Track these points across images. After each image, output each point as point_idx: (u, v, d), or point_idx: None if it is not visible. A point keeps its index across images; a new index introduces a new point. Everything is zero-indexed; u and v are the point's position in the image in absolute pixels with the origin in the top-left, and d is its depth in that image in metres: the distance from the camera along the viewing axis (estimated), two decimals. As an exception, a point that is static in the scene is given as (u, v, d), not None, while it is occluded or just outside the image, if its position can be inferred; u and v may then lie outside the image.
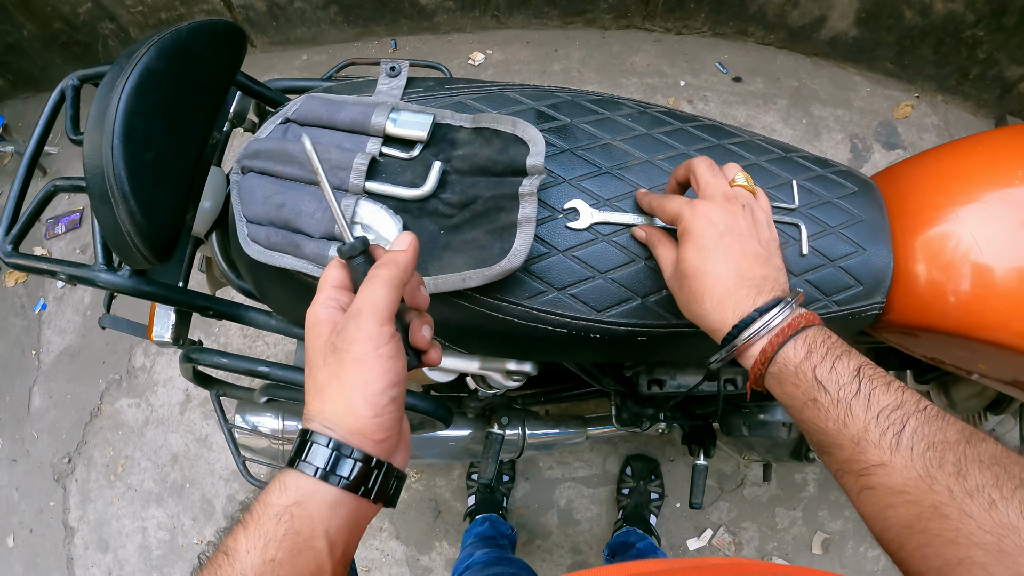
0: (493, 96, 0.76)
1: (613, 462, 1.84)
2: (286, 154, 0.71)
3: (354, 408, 0.46)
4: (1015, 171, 0.75)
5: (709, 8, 2.10)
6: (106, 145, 0.62)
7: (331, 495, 0.45)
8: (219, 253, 0.96)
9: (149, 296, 0.81)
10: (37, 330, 2.19)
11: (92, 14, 2.18)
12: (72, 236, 2.25)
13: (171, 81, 0.69)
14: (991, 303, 0.73)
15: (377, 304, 0.46)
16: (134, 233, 0.66)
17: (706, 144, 0.78)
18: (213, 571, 0.42)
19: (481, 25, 2.28)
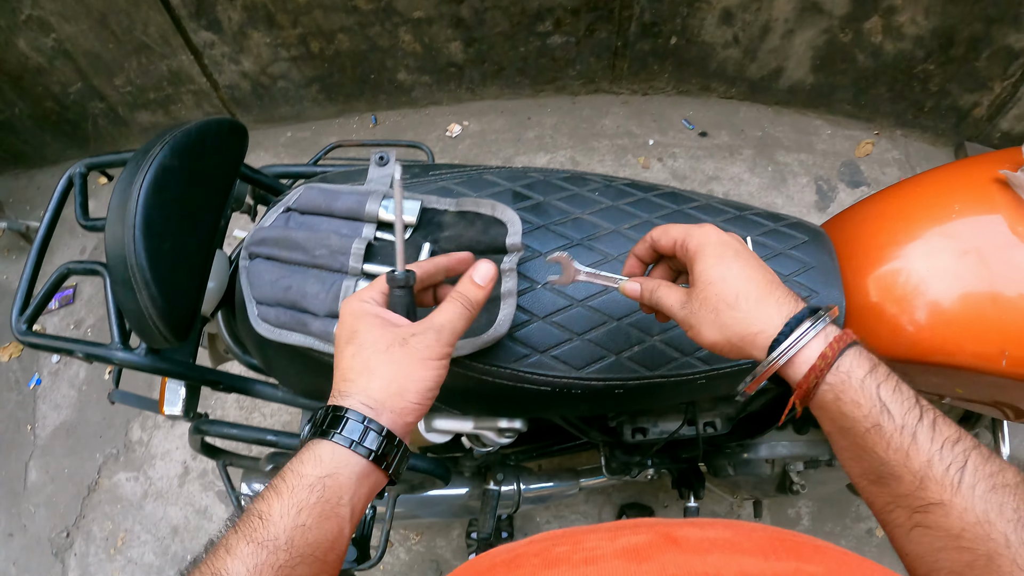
0: (473, 179, 0.86)
1: (608, 512, 1.88)
2: (290, 241, 0.80)
3: (405, 393, 0.54)
4: (950, 206, 0.83)
5: (672, 68, 2.25)
6: (128, 237, 0.71)
7: (360, 466, 0.51)
8: (225, 330, 1.04)
9: (166, 372, 0.89)
10: (32, 405, 2.22)
11: (82, 94, 2.30)
12: (66, 312, 2.31)
13: (184, 176, 0.78)
14: (942, 330, 0.80)
15: (455, 329, 0.56)
16: (156, 316, 0.74)
17: (666, 211, 0.88)
18: (248, 532, 0.47)
19: (457, 97, 2.42)
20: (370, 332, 0.55)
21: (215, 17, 2.02)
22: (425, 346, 0.54)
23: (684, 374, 0.80)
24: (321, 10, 2.01)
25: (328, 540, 0.49)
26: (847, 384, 0.49)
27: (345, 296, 0.76)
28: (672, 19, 2.04)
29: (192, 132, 0.81)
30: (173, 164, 0.77)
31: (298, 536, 0.47)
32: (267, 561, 0.46)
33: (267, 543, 0.46)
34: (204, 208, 0.85)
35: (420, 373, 0.54)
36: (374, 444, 0.52)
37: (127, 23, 2.02)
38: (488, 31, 2.11)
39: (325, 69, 2.25)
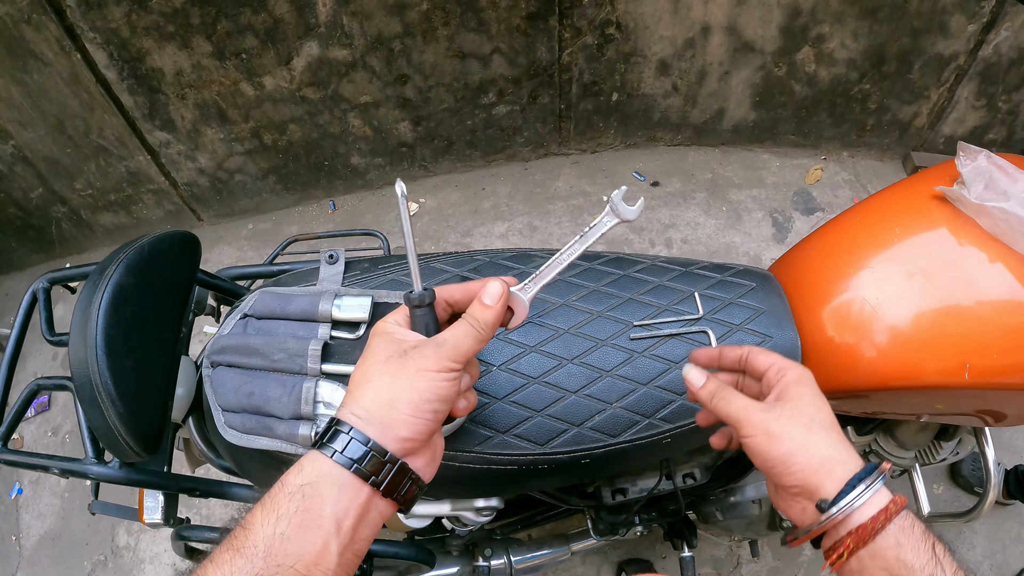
0: (421, 269, 0.89)
1: (607, 571, 1.86)
2: (248, 348, 0.82)
3: (396, 403, 0.52)
4: (892, 230, 0.86)
5: (617, 123, 2.33)
6: (91, 357, 0.72)
7: (341, 478, 0.50)
8: (197, 435, 1.04)
9: (140, 484, 0.89)
10: (15, 515, 2.17)
11: (44, 199, 2.32)
12: (42, 419, 2.27)
13: (140, 292, 0.80)
14: (902, 352, 0.81)
15: (460, 346, 0.55)
16: (124, 432, 0.74)
17: (613, 276, 0.91)
18: (230, 541, 0.47)
19: (411, 176, 2.48)
20: (378, 346, 0.55)
21: (168, 117, 2.07)
22: (422, 357, 0.53)
23: (649, 436, 0.82)
24: (270, 103, 2.07)
25: (311, 554, 0.47)
26: (911, 531, 0.52)
27: (306, 398, 0.77)
28: (611, 76, 2.13)
29: (145, 248, 0.83)
30: (129, 282, 0.78)
31: (276, 545, 0.46)
32: (243, 568, 0.45)
33: (244, 551, 0.46)
34: (163, 320, 0.87)
35: (414, 384, 0.52)
36: (359, 457, 0.50)
37: (83, 127, 2.06)
38: (434, 108, 2.18)
39: (280, 160, 2.30)
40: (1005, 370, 0.79)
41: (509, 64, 2.05)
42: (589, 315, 0.86)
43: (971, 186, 0.80)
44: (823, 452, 0.55)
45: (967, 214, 0.81)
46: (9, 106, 1.99)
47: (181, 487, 0.94)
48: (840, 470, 0.54)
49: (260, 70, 1.96)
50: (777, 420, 0.57)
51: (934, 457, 1.20)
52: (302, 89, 2.04)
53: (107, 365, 0.73)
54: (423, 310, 0.58)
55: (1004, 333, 0.78)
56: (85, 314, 0.75)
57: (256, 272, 1.12)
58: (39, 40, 1.81)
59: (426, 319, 0.58)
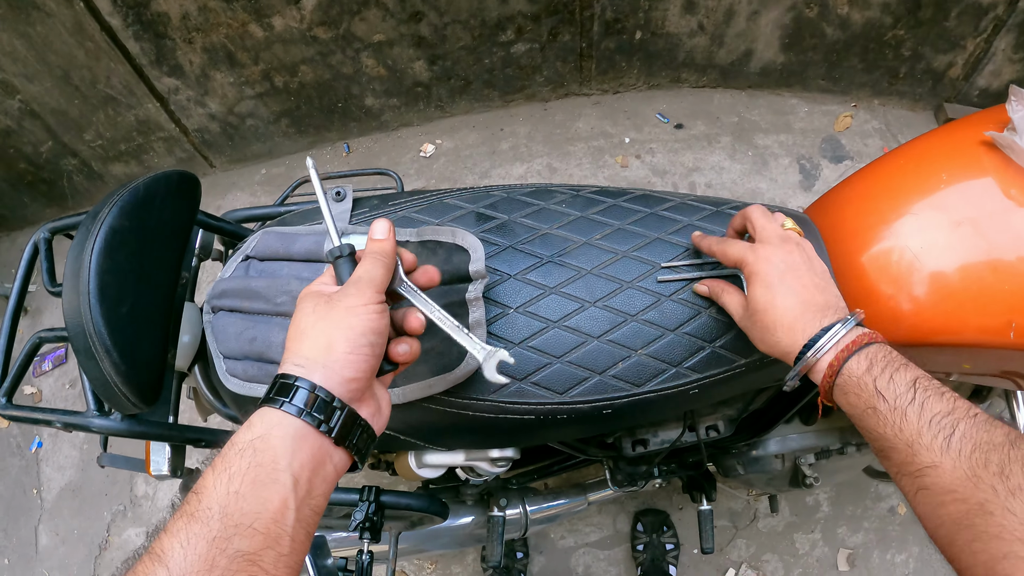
0: (434, 206, 0.83)
1: (623, 520, 1.85)
2: (250, 291, 0.77)
3: (333, 343, 0.52)
4: (938, 175, 0.79)
5: (640, 63, 2.22)
6: (83, 305, 0.67)
7: (292, 427, 0.49)
8: (203, 384, 1.00)
9: (142, 436, 0.85)
10: (36, 469, 2.19)
11: (54, 151, 2.27)
12: (60, 372, 2.28)
13: (135, 236, 0.74)
14: (944, 307, 0.76)
15: (374, 277, 0.56)
16: (120, 383, 0.70)
17: (639, 215, 0.84)
18: (184, 507, 0.45)
19: (427, 117, 2.39)
20: (304, 304, 0.56)
21: (176, 62, 1.99)
22: (346, 296, 0.54)
23: (675, 386, 0.76)
24: (280, 44, 1.99)
25: (268, 511, 0.45)
26: (849, 381, 0.60)
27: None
28: (634, 14, 2.01)
29: (140, 189, 0.78)
30: (123, 225, 0.73)
31: (232, 504, 0.44)
32: (199, 532, 0.43)
33: (199, 515, 0.44)
34: (161, 265, 0.81)
35: (346, 321, 0.52)
36: (307, 404, 0.49)
37: (90, 77, 1.99)
38: (451, 47, 2.08)
39: (292, 102, 2.22)
40: None
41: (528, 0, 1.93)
42: (613, 255, 0.79)
43: (1022, 132, 0.74)
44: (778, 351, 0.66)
45: (1018, 163, 0.75)
46: (14, 60, 1.92)
47: (185, 438, 0.91)
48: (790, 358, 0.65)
49: (269, 10, 1.87)
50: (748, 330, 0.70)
51: None
52: (313, 29, 1.95)
53: (100, 313, 0.68)
54: (345, 261, 0.59)
55: None
56: (77, 260, 0.70)
57: (263, 214, 1.06)
58: (41, -11, 1.73)
59: (348, 268, 0.58)
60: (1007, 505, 0.45)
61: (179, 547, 0.43)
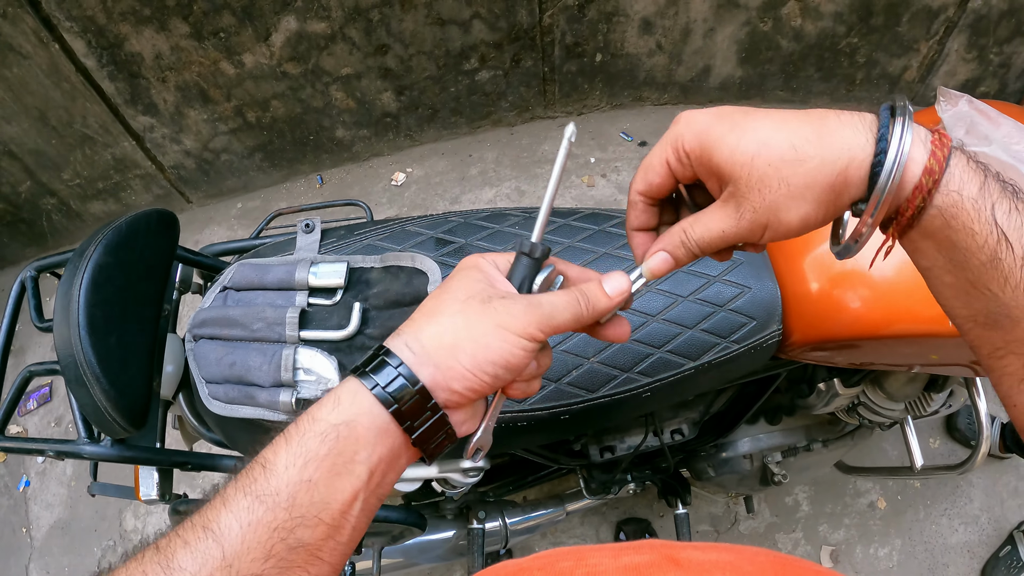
0: (396, 233, 0.90)
1: (606, 530, 1.89)
2: (228, 319, 0.84)
3: (458, 351, 0.44)
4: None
5: (602, 84, 2.32)
6: (74, 337, 0.73)
7: (380, 419, 0.44)
8: (187, 411, 1.06)
9: (132, 461, 0.91)
10: (24, 507, 2.21)
11: (32, 191, 2.32)
12: (44, 411, 2.31)
13: (120, 271, 0.81)
14: (890, 300, 0.81)
15: (555, 316, 0.46)
16: (110, 408, 0.76)
17: (587, 232, 0.91)
18: (247, 482, 0.42)
19: (397, 146, 2.48)
20: (463, 280, 0.47)
21: (150, 101, 2.06)
22: (508, 312, 0.45)
23: (627, 390, 0.83)
24: (252, 80, 2.06)
25: (337, 501, 0.42)
26: (959, 207, 0.40)
27: (286, 365, 0.79)
28: (593, 37, 2.11)
29: (123, 228, 0.84)
30: (108, 261, 0.79)
31: (302, 493, 0.41)
32: (263, 519, 0.40)
33: (266, 497, 0.40)
34: (145, 298, 0.88)
35: (485, 338, 0.44)
36: (402, 396, 0.43)
37: (66, 117, 2.06)
38: (417, 77, 2.17)
39: (264, 137, 2.29)
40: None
41: (490, 29, 2.03)
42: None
43: (952, 131, 0.79)
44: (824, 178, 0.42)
45: None
46: (-9, 102, 1.99)
47: (172, 461, 0.96)
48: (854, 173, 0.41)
49: (239, 48, 1.95)
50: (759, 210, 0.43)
51: (925, 409, 1.21)
52: (283, 64, 2.03)
53: (90, 344, 0.74)
54: (529, 261, 0.49)
55: None
56: (67, 295, 0.76)
57: (238, 247, 1.13)
58: (16, 33, 1.80)
59: (526, 272, 0.49)
60: None
61: (238, 527, 0.40)
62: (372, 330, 0.81)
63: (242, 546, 0.39)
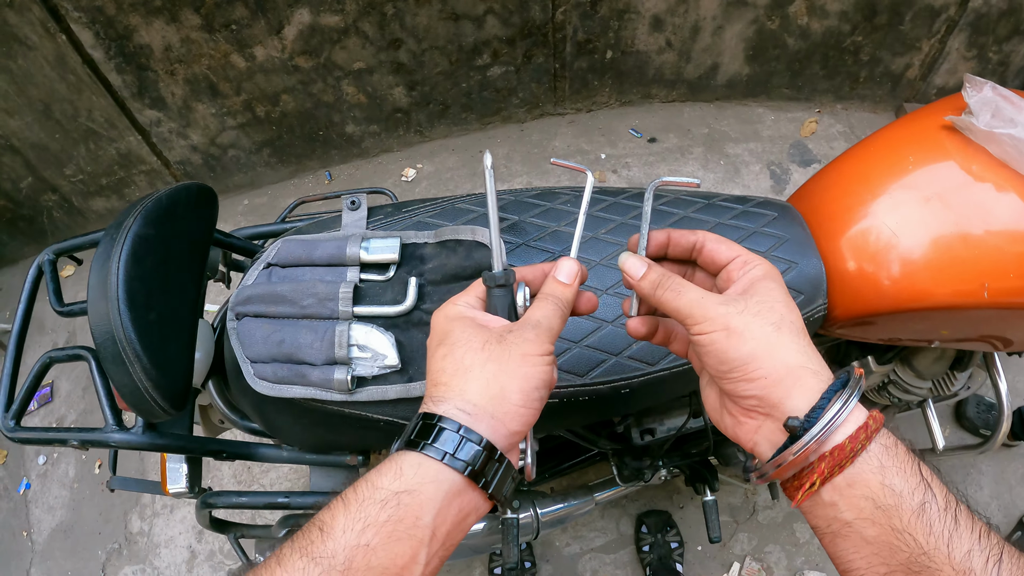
0: (446, 210, 0.87)
1: (626, 523, 1.87)
2: (276, 295, 0.80)
3: (507, 393, 0.47)
4: (905, 159, 0.87)
5: (612, 81, 2.31)
6: (112, 312, 0.69)
7: (451, 483, 0.44)
8: (218, 398, 1.01)
9: (165, 449, 0.86)
10: (25, 511, 2.14)
11: (34, 188, 2.26)
12: (46, 411, 2.24)
13: (160, 245, 0.77)
14: (919, 275, 0.83)
15: (552, 326, 0.50)
16: (151, 388, 0.72)
17: (638, 210, 0.89)
18: (304, 544, 0.42)
19: (407, 142, 2.45)
20: (463, 332, 0.50)
21: (158, 94, 2.01)
22: (524, 340, 0.48)
23: (686, 364, 0.81)
24: (262, 74, 2.02)
25: (397, 566, 0.42)
26: (895, 451, 0.43)
27: (340, 342, 0.75)
28: (605, 34, 2.10)
29: (163, 199, 0.80)
30: (148, 233, 0.75)
31: (359, 557, 0.41)
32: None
33: (322, 559, 0.41)
34: (184, 274, 0.84)
35: (522, 370, 0.47)
36: (472, 458, 0.45)
37: (71, 111, 2.00)
38: (428, 72, 2.15)
39: (273, 132, 2.25)
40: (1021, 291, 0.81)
41: (503, 24, 2.01)
42: (618, 247, 0.84)
43: (979, 115, 0.82)
44: (792, 358, 0.46)
45: (976, 142, 0.84)
46: (-7, 94, 1.93)
47: (207, 449, 0.93)
48: (811, 380, 0.45)
49: (251, 40, 1.91)
50: (740, 315, 0.47)
51: (948, 388, 1.21)
52: (294, 58, 1.99)
53: (130, 319, 0.70)
54: (503, 291, 0.53)
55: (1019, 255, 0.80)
56: (104, 268, 0.71)
57: (269, 231, 1.09)
58: (23, 24, 1.75)
59: (506, 300, 0.53)
60: None
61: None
62: (429, 305, 0.78)
63: None
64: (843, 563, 0.44)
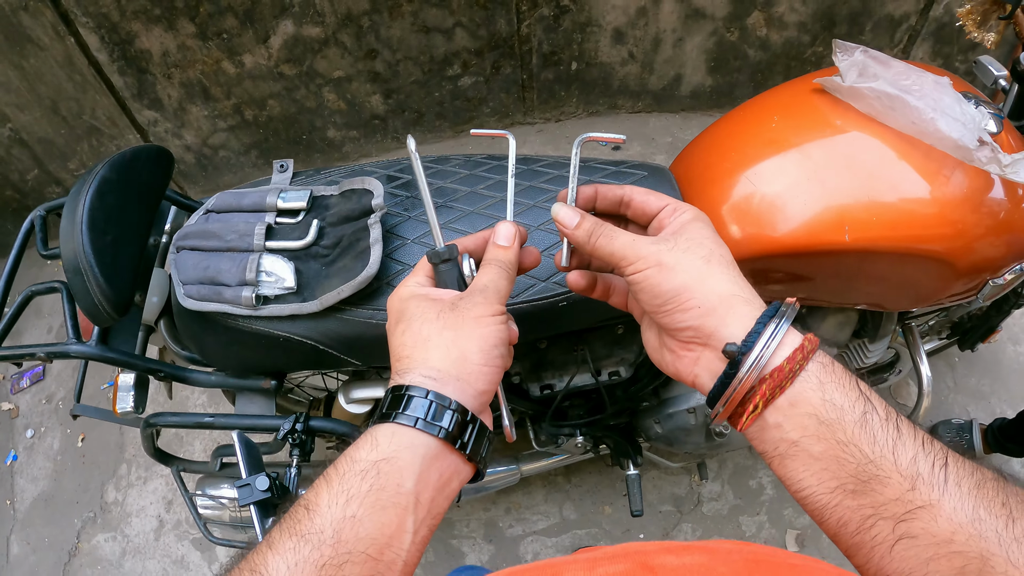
0: (355, 172, 1.10)
1: (570, 508, 2.02)
2: (207, 232, 1.02)
3: (467, 354, 0.51)
4: (771, 119, 0.99)
5: (578, 92, 2.53)
6: (76, 232, 0.91)
7: (427, 447, 0.48)
8: (166, 333, 1.24)
9: (112, 361, 1.07)
10: (10, 481, 2.36)
11: (39, 180, 2.54)
12: (37, 389, 2.49)
13: (120, 188, 1.00)
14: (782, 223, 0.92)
15: (500, 288, 0.55)
16: (99, 294, 0.93)
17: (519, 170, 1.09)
18: (292, 524, 0.44)
19: (384, 148, 2.69)
20: (418, 307, 0.54)
21: (156, 96, 2.29)
22: (474, 304, 0.53)
23: (544, 298, 0.99)
24: (250, 80, 2.29)
25: (385, 535, 0.45)
26: (832, 368, 0.47)
27: (250, 267, 0.97)
28: (568, 46, 2.33)
29: (127, 154, 1.05)
30: (112, 177, 0.99)
31: (347, 529, 0.44)
32: (309, 557, 0.43)
33: (311, 536, 0.43)
34: (136, 214, 1.06)
35: (477, 331, 0.52)
36: (445, 421, 0.48)
37: (76, 109, 2.28)
38: (403, 82, 2.39)
39: (260, 135, 2.51)
40: (881, 235, 0.89)
41: (471, 37, 2.25)
42: (492, 199, 1.05)
43: (846, 75, 0.90)
44: (723, 287, 0.50)
45: (842, 99, 0.93)
46: (7, 90, 2.21)
47: (148, 367, 1.12)
48: (744, 308, 0.49)
49: (240, 48, 2.18)
50: (671, 251, 0.51)
51: (863, 360, 1.32)
52: (279, 66, 2.25)
53: (89, 239, 0.92)
54: (448, 265, 0.59)
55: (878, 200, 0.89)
56: (75, 199, 0.94)
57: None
58: (36, 26, 2.03)
59: (454, 273, 0.59)
60: (1010, 556, 0.38)
61: (285, 568, 0.42)
62: (326, 241, 1.00)
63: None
64: (794, 484, 0.47)
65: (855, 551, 0.44)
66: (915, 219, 0.89)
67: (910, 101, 0.86)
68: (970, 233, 0.91)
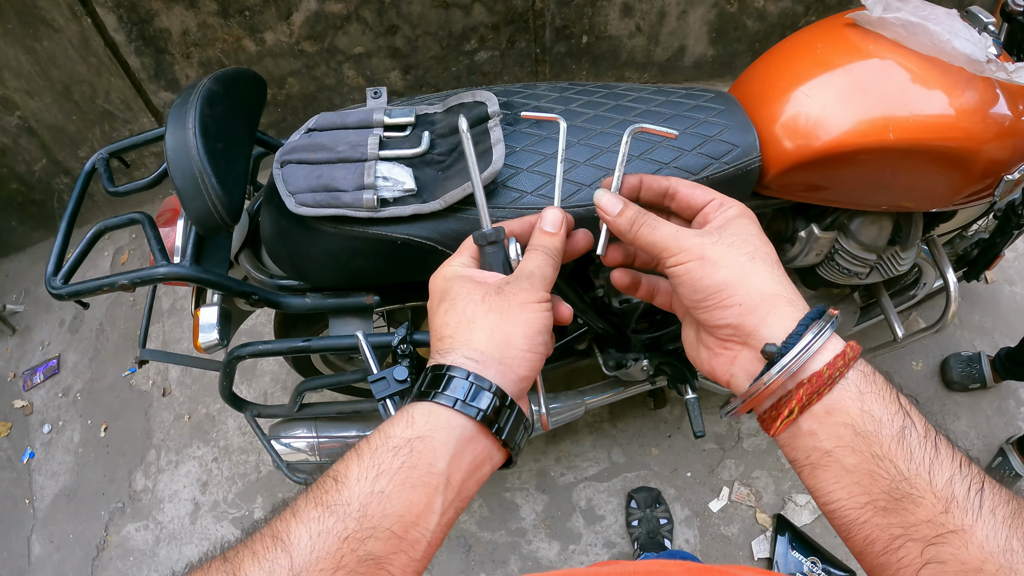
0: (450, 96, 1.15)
1: (618, 453, 2.08)
2: (316, 144, 1.05)
3: (511, 339, 0.50)
4: (815, 46, 1.15)
5: (588, 64, 2.63)
6: (189, 137, 0.93)
7: (463, 429, 0.47)
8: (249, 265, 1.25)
9: (206, 282, 1.08)
10: (28, 479, 2.30)
11: (47, 171, 2.50)
12: (52, 383, 2.43)
13: (226, 101, 1.02)
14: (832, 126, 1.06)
15: (545, 275, 0.54)
16: (215, 198, 0.94)
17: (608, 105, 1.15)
18: (319, 495, 0.44)
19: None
20: (463, 287, 0.54)
21: (173, 76, 2.30)
22: (520, 290, 0.52)
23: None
24: (271, 58, 2.32)
25: (412, 514, 0.44)
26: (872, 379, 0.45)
27: (368, 172, 1.01)
28: (580, 20, 2.43)
29: (229, 72, 1.08)
30: (218, 90, 1.01)
31: (374, 504, 0.43)
32: (333, 528, 0.42)
33: (336, 508, 0.43)
34: (241, 125, 1.09)
35: (522, 317, 0.51)
36: (483, 403, 0.48)
37: (90, 92, 2.27)
38: (422, 57, 2.45)
39: (279, 114, 2.53)
40: (917, 135, 1.06)
41: (488, 12, 2.32)
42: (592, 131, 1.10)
43: (873, 8, 1.09)
44: (767, 286, 0.49)
45: (873, 30, 1.11)
46: (17, 75, 2.19)
47: (241, 289, 1.14)
48: (786, 308, 0.48)
49: (262, 26, 2.20)
50: (715, 245, 0.51)
51: (897, 267, 1.43)
52: (300, 43, 2.29)
53: (203, 144, 0.94)
54: (495, 247, 0.58)
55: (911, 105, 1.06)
56: (182, 109, 0.96)
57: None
58: (50, 7, 2.02)
59: (499, 256, 0.58)
60: None
61: (307, 537, 0.42)
62: (440, 151, 1.05)
63: (311, 556, 0.41)
64: (823, 495, 0.46)
65: (879, 571, 0.43)
66: (942, 122, 1.06)
67: (929, 27, 1.03)
68: (984, 135, 1.07)
